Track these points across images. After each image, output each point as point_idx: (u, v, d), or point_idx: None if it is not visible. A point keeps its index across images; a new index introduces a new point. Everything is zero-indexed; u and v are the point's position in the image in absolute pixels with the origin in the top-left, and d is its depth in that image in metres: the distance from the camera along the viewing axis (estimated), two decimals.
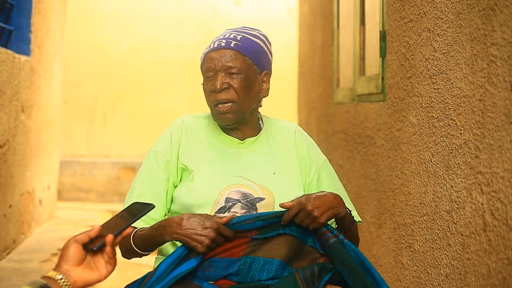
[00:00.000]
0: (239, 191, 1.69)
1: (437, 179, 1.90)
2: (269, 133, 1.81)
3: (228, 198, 1.68)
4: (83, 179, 6.64)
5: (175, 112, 6.84)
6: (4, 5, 3.41)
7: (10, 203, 3.30)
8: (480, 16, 1.59)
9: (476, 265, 1.60)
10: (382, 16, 2.55)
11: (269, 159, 1.77)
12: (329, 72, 3.67)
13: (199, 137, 1.77)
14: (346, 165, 3.16)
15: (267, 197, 1.70)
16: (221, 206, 1.67)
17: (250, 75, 1.71)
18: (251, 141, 1.77)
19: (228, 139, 1.77)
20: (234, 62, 1.69)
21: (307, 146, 1.82)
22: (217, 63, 1.69)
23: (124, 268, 4.17)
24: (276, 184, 1.73)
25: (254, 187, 1.70)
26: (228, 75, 1.69)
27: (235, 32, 1.75)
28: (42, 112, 4.11)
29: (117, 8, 7.15)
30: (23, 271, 2.96)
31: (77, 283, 1.17)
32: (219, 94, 1.68)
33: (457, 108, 1.76)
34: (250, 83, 1.71)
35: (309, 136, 1.86)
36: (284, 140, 1.81)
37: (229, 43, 1.70)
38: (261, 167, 1.74)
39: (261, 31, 1.80)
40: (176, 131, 1.77)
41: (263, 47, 1.75)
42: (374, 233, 2.61)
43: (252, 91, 1.72)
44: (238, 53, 1.70)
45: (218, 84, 1.67)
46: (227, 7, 7.36)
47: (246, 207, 1.68)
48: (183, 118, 1.81)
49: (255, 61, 1.72)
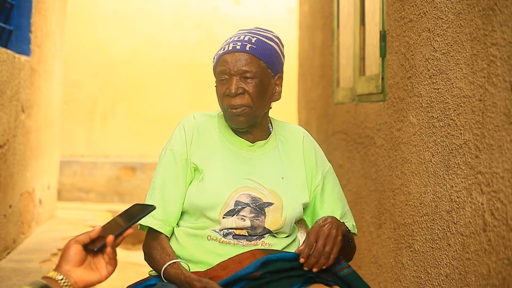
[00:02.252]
0: (248, 195, 1.68)
1: (437, 179, 1.90)
2: (278, 137, 1.80)
3: (238, 202, 1.67)
4: (83, 179, 6.64)
5: (175, 112, 6.84)
6: (4, 5, 3.41)
7: (10, 203, 3.30)
8: (480, 16, 1.59)
9: (476, 265, 1.60)
10: (382, 16, 2.55)
11: (278, 163, 1.76)
12: (329, 72, 3.67)
13: (210, 136, 1.75)
14: (346, 165, 3.16)
15: (275, 202, 1.69)
16: (230, 209, 1.66)
17: (265, 79, 1.70)
18: (260, 144, 1.76)
19: (239, 141, 1.75)
20: (249, 67, 1.67)
21: (315, 152, 1.82)
22: (232, 67, 1.67)
23: (124, 268, 4.17)
24: (284, 188, 1.72)
25: (263, 191, 1.69)
26: (242, 79, 1.67)
27: (250, 34, 1.72)
28: (42, 112, 4.11)
29: (117, 8, 7.14)
30: (23, 271, 2.95)
31: (77, 283, 1.17)
32: (234, 99, 1.66)
33: (457, 108, 1.76)
34: (264, 87, 1.70)
35: (316, 142, 1.86)
36: (292, 144, 1.81)
37: (244, 46, 1.68)
38: (270, 171, 1.73)
39: (275, 33, 1.79)
40: (189, 129, 1.75)
41: (277, 50, 1.74)
42: (374, 233, 2.61)
43: (266, 96, 1.71)
44: (253, 57, 1.68)
45: (233, 88, 1.65)
46: (227, 7, 7.36)
47: (255, 212, 1.67)
48: (195, 115, 1.79)
49: (269, 64, 1.71)
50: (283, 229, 1.71)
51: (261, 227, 1.68)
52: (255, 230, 1.67)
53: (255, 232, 1.68)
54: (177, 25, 7.24)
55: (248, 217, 1.66)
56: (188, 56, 7.18)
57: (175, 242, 1.71)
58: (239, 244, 1.66)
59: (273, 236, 1.70)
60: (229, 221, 1.66)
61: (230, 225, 1.66)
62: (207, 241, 1.67)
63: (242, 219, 1.66)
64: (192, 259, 1.66)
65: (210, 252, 1.66)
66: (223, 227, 1.67)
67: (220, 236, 1.66)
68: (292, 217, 1.71)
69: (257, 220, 1.67)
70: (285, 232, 1.73)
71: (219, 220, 1.66)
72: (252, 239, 1.67)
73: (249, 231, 1.67)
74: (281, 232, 1.72)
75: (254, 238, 1.68)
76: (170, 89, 7.16)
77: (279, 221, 1.69)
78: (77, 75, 6.99)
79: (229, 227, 1.66)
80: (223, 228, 1.67)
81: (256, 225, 1.67)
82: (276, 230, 1.69)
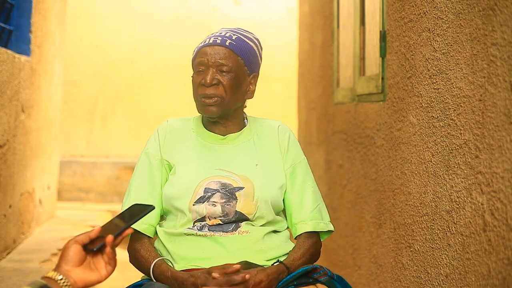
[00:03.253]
0: (218, 182, 1.71)
1: (437, 179, 1.90)
2: (253, 131, 1.84)
3: (207, 189, 1.70)
4: (83, 179, 6.63)
5: (175, 112, 6.84)
6: (4, 5, 3.41)
7: (10, 203, 3.30)
8: (480, 16, 1.59)
9: (476, 265, 1.60)
10: (382, 16, 2.55)
11: (252, 153, 1.79)
12: (329, 72, 3.67)
13: (182, 135, 1.81)
14: (346, 165, 3.16)
15: (246, 186, 1.71)
16: (200, 196, 1.69)
17: (240, 75, 1.75)
18: (233, 137, 1.80)
19: (211, 136, 1.80)
20: (226, 60, 1.72)
21: (288, 140, 1.84)
22: (210, 58, 1.73)
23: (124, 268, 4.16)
24: (258, 174, 1.75)
25: (234, 178, 1.72)
26: (219, 72, 1.72)
27: (231, 31, 1.79)
28: (42, 112, 4.11)
29: (117, 8, 7.14)
30: (23, 271, 2.95)
31: (77, 283, 1.17)
32: (208, 88, 1.71)
33: (457, 108, 1.76)
34: (239, 82, 1.75)
35: (293, 135, 1.88)
36: (268, 135, 1.84)
37: (224, 41, 1.74)
38: (242, 160, 1.77)
39: (255, 35, 1.84)
40: (162, 131, 1.81)
41: (255, 49, 1.80)
42: (374, 233, 2.61)
43: (239, 91, 1.76)
44: (232, 52, 1.74)
45: (208, 78, 1.71)
46: (227, 7, 7.36)
47: (226, 197, 1.70)
48: (169, 120, 1.86)
49: (246, 62, 1.76)
50: (258, 213, 1.71)
51: (233, 212, 1.69)
52: (228, 216, 1.69)
53: (228, 218, 1.69)
54: (177, 25, 7.24)
55: (219, 203, 1.68)
56: (188, 56, 7.08)
57: (158, 242, 1.75)
58: (215, 235, 1.68)
59: (250, 224, 1.71)
60: (200, 207, 1.68)
61: (202, 212, 1.68)
62: (185, 237, 1.70)
63: (213, 204, 1.68)
64: (173, 256, 1.70)
65: (189, 246, 1.69)
66: (195, 216, 1.68)
67: (195, 231, 1.69)
68: (265, 200, 1.72)
69: (228, 205, 1.69)
70: (263, 218, 1.73)
71: (189, 209, 1.68)
72: (228, 229, 1.69)
73: (222, 218, 1.69)
74: (258, 218, 1.72)
75: (230, 228, 1.69)
76: (170, 89, 7.15)
77: (250, 204, 1.70)
78: (77, 75, 6.99)
79: (201, 214, 1.68)
80: (195, 218, 1.69)
81: (228, 210, 1.69)
82: (250, 214, 1.70)
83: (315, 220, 1.78)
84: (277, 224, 1.78)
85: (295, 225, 1.79)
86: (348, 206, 3.06)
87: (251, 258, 1.67)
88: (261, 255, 1.70)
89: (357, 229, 2.89)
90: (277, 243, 1.74)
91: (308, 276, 1.66)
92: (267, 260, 1.70)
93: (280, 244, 1.75)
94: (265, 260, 1.70)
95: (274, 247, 1.73)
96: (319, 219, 1.79)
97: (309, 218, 1.78)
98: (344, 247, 3.13)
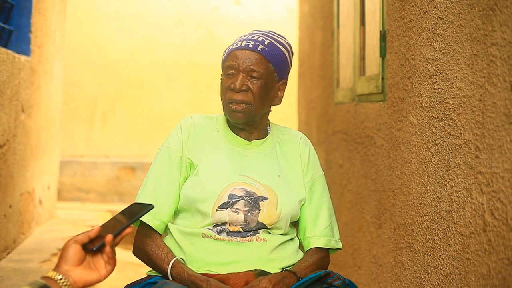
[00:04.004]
0: (243, 189, 1.69)
1: (437, 179, 1.90)
2: (276, 139, 1.83)
3: (232, 195, 1.68)
4: (83, 179, 6.63)
5: (175, 112, 6.84)
6: (4, 5, 3.41)
7: (10, 203, 3.30)
8: (480, 16, 1.59)
9: (476, 265, 1.60)
10: (382, 16, 2.54)
11: (275, 162, 1.78)
12: (329, 72, 3.67)
13: (206, 134, 1.78)
14: (346, 165, 3.16)
15: (270, 196, 1.70)
16: (224, 202, 1.67)
17: (269, 82, 1.73)
18: (258, 143, 1.78)
19: (236, 139, 1.78)
20: (257, 66, 1.70)
21: (309, 154, 1.84)
22: (241, 63, 1.70)
23: (124, 268, 4.16)
24: (280, 185, 1.74)
25: (257, 186, 1.71)
26: (249, 77, 1.70)
27: (264, 35, 1.75)
28: (42, 112, 4.11)
29: (117, 8, 7.14)
30: (23, 271, 2.95)
31: (76, 283, 1.17)
32: (237, 94, 1.69)
33: (457, 108, 1.76)
34: (268, 89, 1.73)
35: (313, 148, 1.88)
36: (289, 146, 1.83)
37: (257, 46, 1.71)
38: (266, 169, 1.75)
39: (287, 40, 1.81)
40: (185, 127, 1.78)
41: (286, 56, 1.77)
42: (374, 233, 2.61)
43: (268, 98, 1.74)
44: (263, 58, 1.71)
45: (238, 84, 1.68)
46: (227, 7, 7.36)
47: (249, 205, 1.68)
48: (193, 116, 1.82)
49: (277, 68, 1.74)
50: (277, 224, 1.71)
51: (255, 221, 1.68)
52: (249, 225, 1.68)
53: (249, 227, 1.68)
54: (177, 25, 7.24)
55: (242, 211, 1.67)
56: (188, 56, 7.18)
57: (171, 240, 1.73)
58: (233, 240, 1.67)
59: (268, 232, 1.71)
60: (223, 214, 1.67)
61: (224, 218, 1.67)
62: (202, 239, 1.68)
63: (236, 212, 1.67)
64: (187, 257, 1.68)
65: (205, 249, 1.67)
66: (217, 221, 1.67)
67: (214, 233, 1.67)
68: (287, 213, 1.72)
69: (251, 214, 1.68)
70: (280, 229, 1.73)
71: (212, 213, 1.67)
72: (247, 235, 1.68)
73: (243, 226, 1.68)
74: (276, 228, 1.72)
75: (249, 234, 1.68)
76: (170, 89, 7.15)
77: (273, 215, 1.70)
78: (77, 75, 6.99)
79: (222, 220, 1.67)
80: (216, 222, 1.67)
81: (250, 219, 1.68)
82: (270, 224, 1.70)
83: (327, 237, 1.79)
84: (290, 233, 1.80)
85: (308, 238, 1.80)
86: (348, 206, 3.06)
87: (265, 267, 1.67)
88: (275, 264, 1.70)
89: (357, 229, 2.89)
90: (289, 253, 1.75)
91: (322, 281, 1.65)
92: (280, 269, 1.70)
93: (292, 254, 1.75)
94: (278, 269, 1.70)
95: (286, 256, 1.73)
96: (331, 236, 1.80)
97: (322, 234, 1.79)
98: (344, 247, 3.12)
